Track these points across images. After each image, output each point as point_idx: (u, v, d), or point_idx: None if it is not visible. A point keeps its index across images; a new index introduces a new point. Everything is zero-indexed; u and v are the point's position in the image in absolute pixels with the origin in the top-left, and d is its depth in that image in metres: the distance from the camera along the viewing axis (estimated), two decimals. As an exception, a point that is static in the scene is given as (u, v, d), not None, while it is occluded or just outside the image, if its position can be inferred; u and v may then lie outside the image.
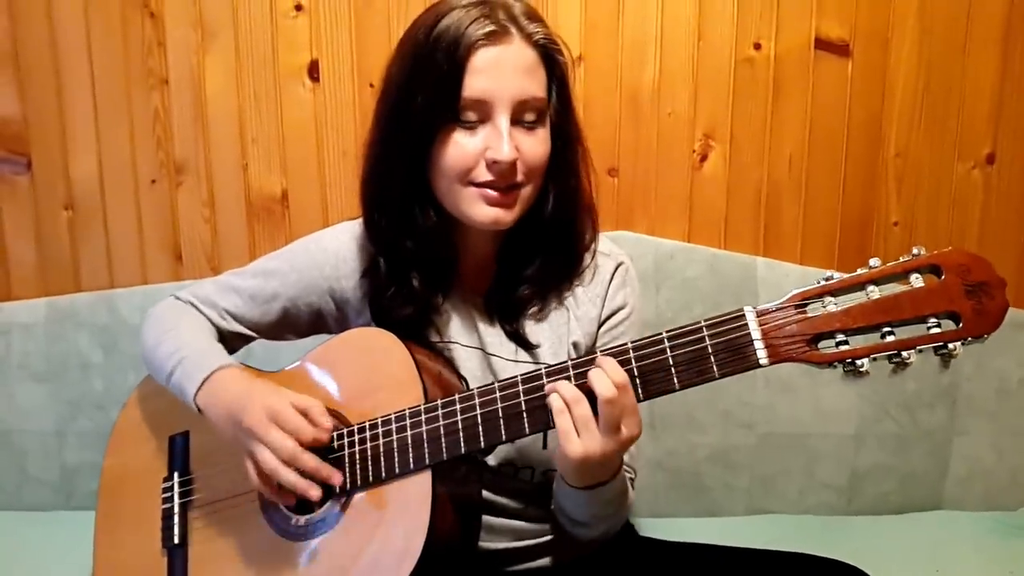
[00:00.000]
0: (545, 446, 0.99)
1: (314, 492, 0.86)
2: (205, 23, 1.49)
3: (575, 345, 1.02)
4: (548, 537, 1.05)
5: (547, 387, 0.82)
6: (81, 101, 1.52)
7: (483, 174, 0.90)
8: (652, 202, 1.53)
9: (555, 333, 1.02)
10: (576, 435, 0.79)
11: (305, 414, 0.88)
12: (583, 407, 0.79)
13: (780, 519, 1.50)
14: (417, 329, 1.01)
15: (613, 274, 1.05)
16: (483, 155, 0.89)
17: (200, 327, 1.03)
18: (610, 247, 1.08)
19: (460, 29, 0.87)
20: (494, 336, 1.02)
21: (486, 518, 0.98)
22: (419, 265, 0.98)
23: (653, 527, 1.46)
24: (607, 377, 0.78)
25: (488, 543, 1.02)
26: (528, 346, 1.01)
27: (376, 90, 0.98)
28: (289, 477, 0.85)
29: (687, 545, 1.12)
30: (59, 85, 1.51)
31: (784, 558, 1.03)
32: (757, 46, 1.48)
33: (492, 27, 0.87)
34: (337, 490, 0.90)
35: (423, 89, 0.89)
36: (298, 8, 1.48)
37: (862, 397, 1.49)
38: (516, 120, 0.90)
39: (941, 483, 1.52)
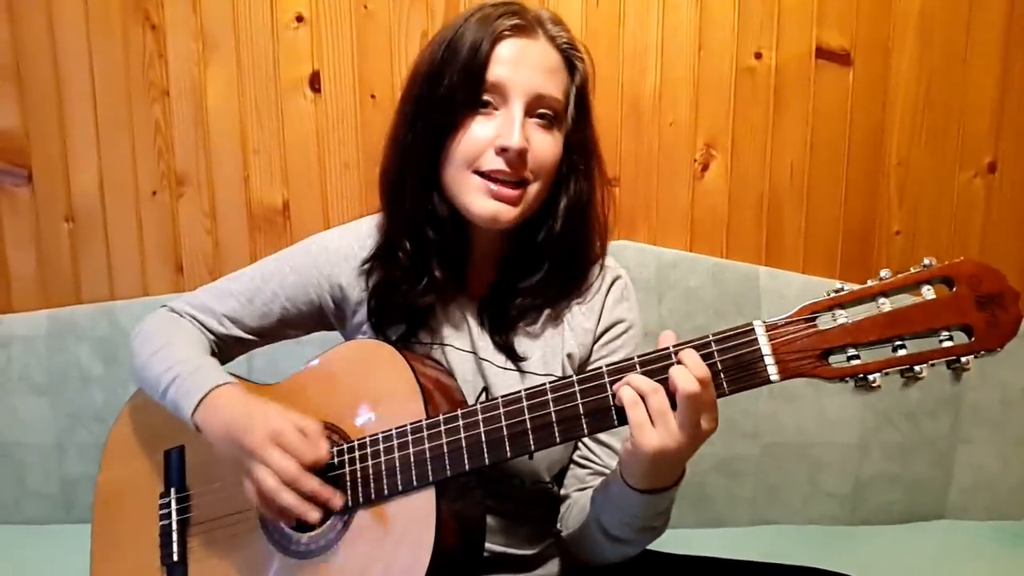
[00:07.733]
0: (531, 456, 0.97)
1: (314, 514, 0.85)
2: (206, 35, 1.49)
3: (569, 356, 1.01)
4: (534, 550, 1.03)
5: (618, 384, 0.78)
6: (82, 113, 1.52)
7: (491, 161, 0.91)
8: (654, 211, 1.53)
9: (548, 344, 1.01)
10: (651, 426, 0.76)
11: (304, 435, 0.87)
12: (659, 397, 0.75)
13: (784, 529, 1.49)
14: (412, 330, 1.00)
15: (610, 287, 1.05)
16: (493, 142, 0.90)
17: (193, 341, 1.02)
18: (608, 260, 1.07)
19: (489, 21, 0.91)
20: (486, 342, 1.01)
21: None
22: (439, 255, 0.98)
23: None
24: (689, 372, 0.75)
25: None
26: (516, 357, 1.00)
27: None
28: (289, 499, 0.84)
29: (691, 558, 1.11)
30: (60, 97, 1.52)
31: (788, 572, 1.03)
32: (758, 55, 1.48)
33: (520, 21, 0.92)
34: (339, 508, 0.89)
35: (449, 75, 0.91)
36: (299, 19, 1.48)
37: (865, 406, 1.48)
38: (531, 114, 0.92)
39: (945, 492, 1.52)
